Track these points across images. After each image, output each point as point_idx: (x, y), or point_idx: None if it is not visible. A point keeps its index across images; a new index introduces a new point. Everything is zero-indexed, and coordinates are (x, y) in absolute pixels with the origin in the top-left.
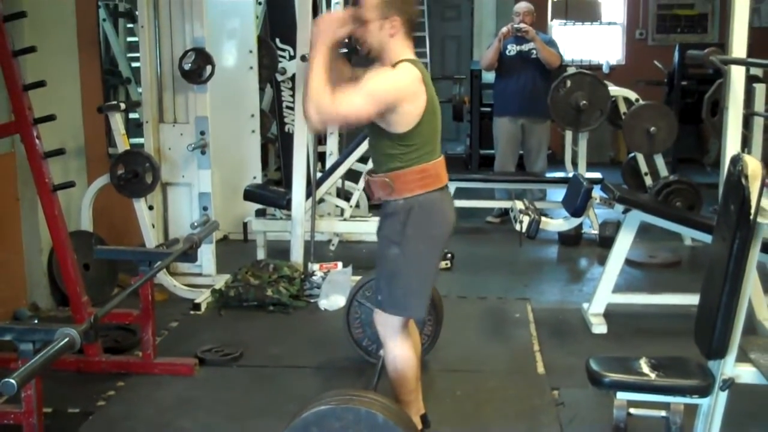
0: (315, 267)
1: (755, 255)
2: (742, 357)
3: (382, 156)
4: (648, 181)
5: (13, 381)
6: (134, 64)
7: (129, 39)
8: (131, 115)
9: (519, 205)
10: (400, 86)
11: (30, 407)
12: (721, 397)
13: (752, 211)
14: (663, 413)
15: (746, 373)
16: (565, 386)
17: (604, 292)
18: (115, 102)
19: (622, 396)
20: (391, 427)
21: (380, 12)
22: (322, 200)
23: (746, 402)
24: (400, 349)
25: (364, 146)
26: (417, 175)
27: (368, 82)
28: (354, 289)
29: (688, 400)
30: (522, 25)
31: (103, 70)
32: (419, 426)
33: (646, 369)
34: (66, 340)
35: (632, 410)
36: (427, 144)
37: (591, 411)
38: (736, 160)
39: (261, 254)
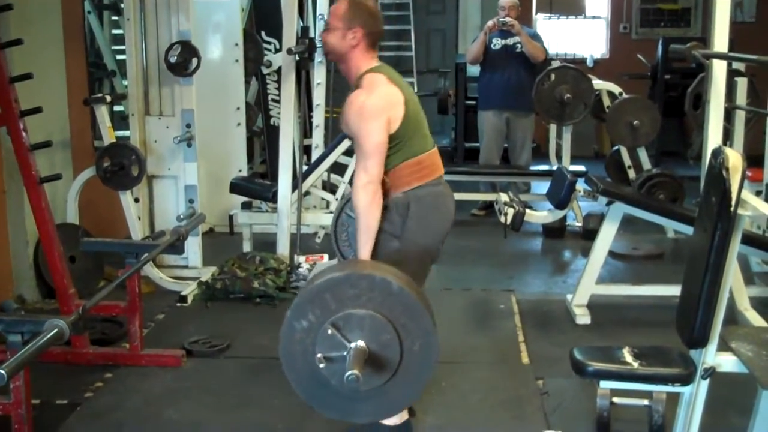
0: (301, 259)
1: (736, 246)
2: (723, 346)
3: None
4: (631, 174)
5: (2, 371)
6: (119, 57)
7: (114, 31)
8: (116, 108)
9: (503, 197)
10: (380, 112)
11: (19, 398)
12: (703, 386)
13: (733, 203)
14: (645, 402)
15: (727, 362)
16: (549, 376)
17: (587, 283)
18: (101, 94)
19: (605, 385)
20: (406, 294)
21: (345, 22)
22: (308, 193)
23: (727, 390)
24: None
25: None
26: (413, 168)
27: (360, 140)
28: (343, 202)
29: (670, 388)
30: (507, 19)
31: (88, 62)
32: (405, 416)
33: (629, 358)
34: (55, 331)
35: (615, 399)
36: (414, 136)
37: (575, 400)
38: (717, 152)
39: (247, 247)
